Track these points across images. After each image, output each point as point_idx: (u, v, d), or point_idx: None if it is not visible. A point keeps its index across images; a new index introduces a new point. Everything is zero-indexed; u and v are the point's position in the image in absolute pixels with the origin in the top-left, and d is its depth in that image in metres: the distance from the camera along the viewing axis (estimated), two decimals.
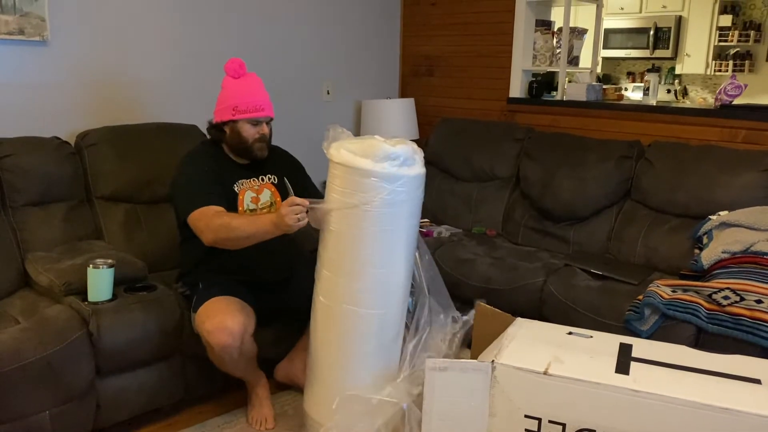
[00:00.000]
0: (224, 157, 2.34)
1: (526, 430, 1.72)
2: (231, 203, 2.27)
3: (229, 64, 2.28)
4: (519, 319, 2.04)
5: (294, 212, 1.94)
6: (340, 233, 1.99)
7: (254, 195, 2.34)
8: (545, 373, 1.67)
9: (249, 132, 2.27)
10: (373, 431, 1.97)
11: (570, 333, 1.94)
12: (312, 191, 2.52)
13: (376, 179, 1.91)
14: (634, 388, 1.59)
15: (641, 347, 1.83)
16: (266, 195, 2.37)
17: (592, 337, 1.91)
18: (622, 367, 1.70)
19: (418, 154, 2.04)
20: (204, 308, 2.12)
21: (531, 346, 1.83)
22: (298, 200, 1.95)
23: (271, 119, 2.34)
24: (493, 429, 1.76)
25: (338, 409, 2.00)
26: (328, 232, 2.02)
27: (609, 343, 1.86)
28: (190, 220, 2.17)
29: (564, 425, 1.67)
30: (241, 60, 2.29)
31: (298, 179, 2.49)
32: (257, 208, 2.35)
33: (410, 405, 1.96)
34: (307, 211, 1.97)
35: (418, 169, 2.02)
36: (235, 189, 2.31)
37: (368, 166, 1.91)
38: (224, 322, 2.05)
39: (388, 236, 1.98)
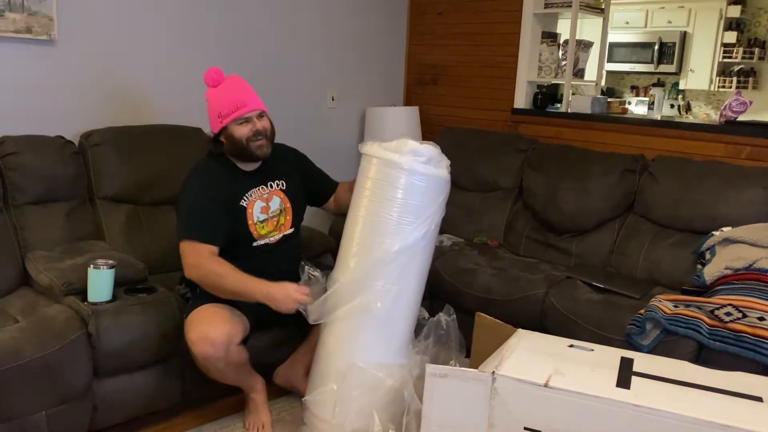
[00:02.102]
0: (232, 167, 2.28)
1: None
2: (239, 220, 2.24)
3: (206, 75, 2.24)
4: (520, 331, 2.04)
5: (297, 301, 2.05)
6: (364, 220, 2.12)
7: (264, 204, 2.31)
8: (546, 385, 1.67)
9: (241, 132, 2.20)
10: (368, 411, 2.00)
11: (571, 346, 1.93)
12: (320, 177, 2.57)
13: (399, 170, 2.07)
14: (635, 403, 1.58)
15: (642, 362, 1.82)
16: (276, 202, 2.34)
17: (593, 350, 1.91)
18: (623, 381, 1.69)
19: (444, 161, 2.19)
20: (191, 316, 2.11)
21: (532, 358, 1.82)
22: (307, 299, 2.06)
23: (263, 112, 2.25)
24: None
25: (345, 378, 2.06)
26: (352, 220, 2.16)
27: (610, 356, 1.85)
28: (181, 247, 2.13)
29: None
30: (218, 68, 2.26)
31: (306, 174, 2.50)
32: (268, 218, 2.31)
33: (412, 393, 1.96)
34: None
35: (442, 172, 2.16)
36: (243, 204, 2.25)
37: (393, 158, 2.08)
38: (207, 332, 2.03)
39: (405, 229, 2.08)
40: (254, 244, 2.28)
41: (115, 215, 2.67)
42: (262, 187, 2.32)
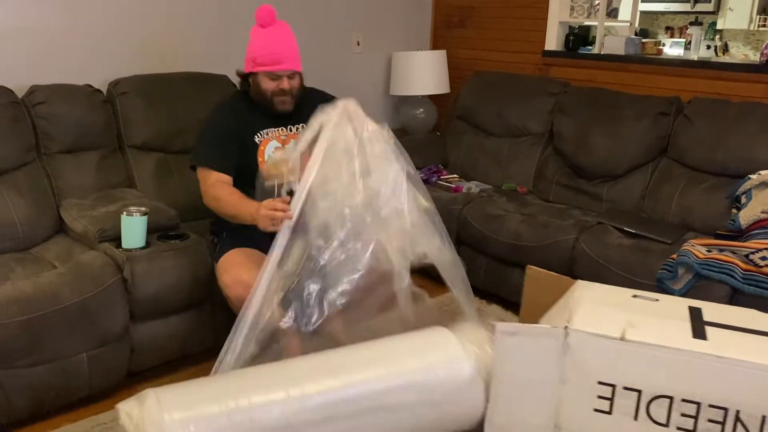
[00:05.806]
0: (253, 106, 2.28)
1: (599, 396, 1.62)
2: (250, 155, 2.23)
3: (258, 12, 2.19)
4: (580, 282, 1.94)
5: (269, 217, 1.88)
6: None
7: (279, 145, 2.29)
8: (622, 338, 1.59)
9: (268, 85, 2.20)
10: None
11: (635, 296, 1.84)
12: None
13: None
14: (718, 354, 1.47)
15: (711, 311, 1.68)
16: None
17: (658, 300, 1.82)
18: (699, 332, 1.57)
19: None
20: (223, 260, 2.13)
21: (600, 310, 1.70)
22: (279, 206, 1.87)
23: (296, 72, 2.23)
24: (564, 396, 1.66)
25: None
26: None
27: (677, 306, 1.72)
28: (197, 172, 2.19)
29: (640, 392, 1.56)
30: (271, 8, 2.18)
31: None
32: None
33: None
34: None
35: None
36: (256, 140, 2.25)
37: None
38: (241, 275, 2.04)
39: None
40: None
41: (145, 163, 2.70)
42: (281, 129, 2.29)
